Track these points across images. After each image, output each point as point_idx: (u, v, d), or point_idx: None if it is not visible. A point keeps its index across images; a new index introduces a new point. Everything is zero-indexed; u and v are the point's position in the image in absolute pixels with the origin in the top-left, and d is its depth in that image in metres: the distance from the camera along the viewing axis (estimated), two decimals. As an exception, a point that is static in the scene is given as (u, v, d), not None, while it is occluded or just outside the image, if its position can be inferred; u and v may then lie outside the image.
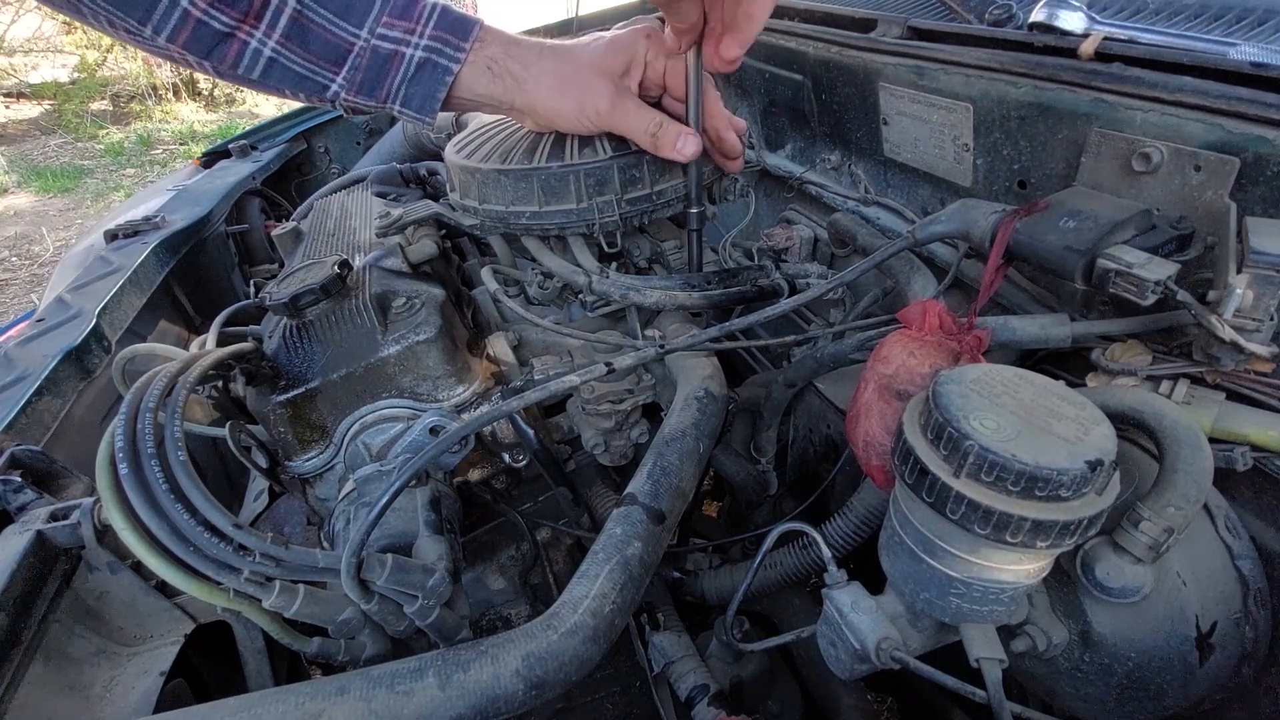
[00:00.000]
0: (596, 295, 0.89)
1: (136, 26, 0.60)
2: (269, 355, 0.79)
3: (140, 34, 0.61)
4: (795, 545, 0.78)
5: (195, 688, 0.73)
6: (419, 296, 0.84)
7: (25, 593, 0.63)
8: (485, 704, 0.55)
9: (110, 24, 0.61)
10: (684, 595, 0.92)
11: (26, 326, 1.07)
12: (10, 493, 0.71)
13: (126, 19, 0.60)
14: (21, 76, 6.70)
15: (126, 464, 0.54)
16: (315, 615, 0.62)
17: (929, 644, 0.56)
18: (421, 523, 0.70)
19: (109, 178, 5.49)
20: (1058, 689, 0.60)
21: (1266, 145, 0.50)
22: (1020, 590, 0.49)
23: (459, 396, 0.82)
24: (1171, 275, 0.50)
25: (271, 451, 0.80)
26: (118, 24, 0.61)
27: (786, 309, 0.76)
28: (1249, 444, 0.52)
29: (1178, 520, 0.47)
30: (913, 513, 0.50)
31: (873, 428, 0.59)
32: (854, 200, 0.98)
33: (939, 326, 0.61)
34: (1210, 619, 0.51)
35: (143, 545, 0.55)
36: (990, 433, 0.43)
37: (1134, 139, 0.58)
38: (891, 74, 0.83)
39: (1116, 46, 0.62)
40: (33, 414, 0.90)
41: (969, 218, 0.66)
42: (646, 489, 0.69)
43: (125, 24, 0.60)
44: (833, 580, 0.56)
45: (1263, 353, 0.48)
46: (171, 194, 1.60)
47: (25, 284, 4.03)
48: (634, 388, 0.93)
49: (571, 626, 0.58)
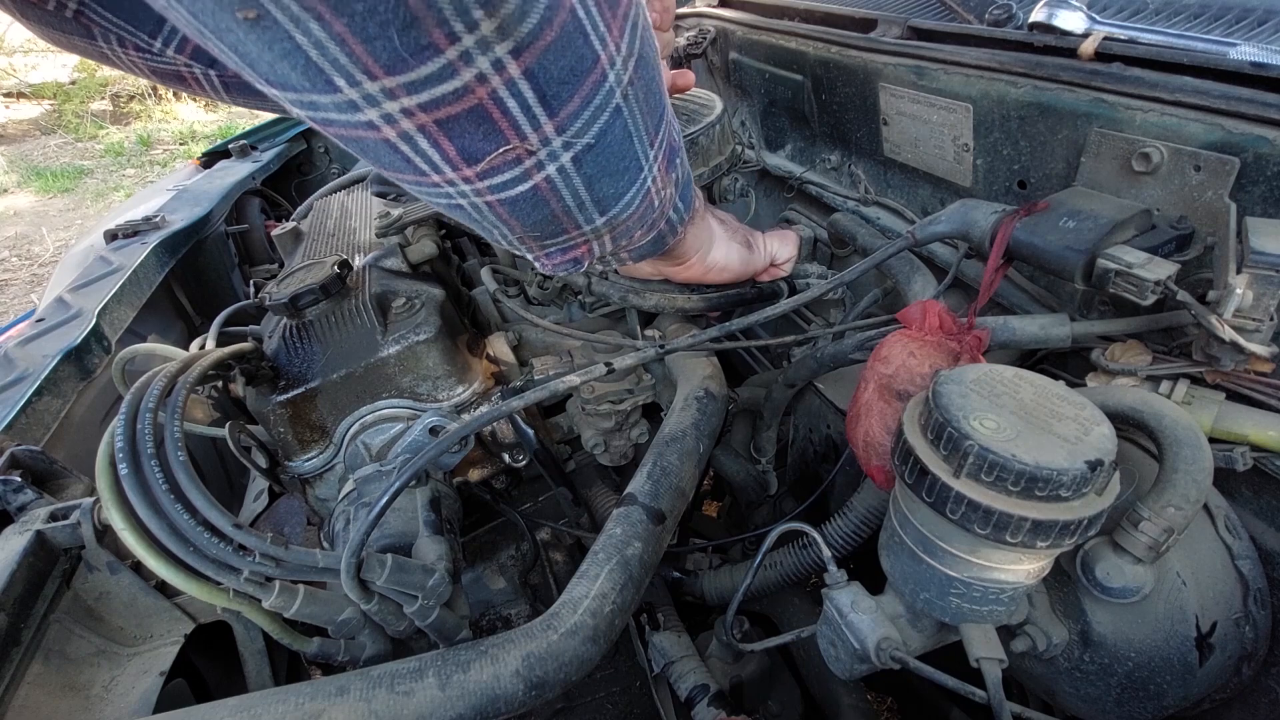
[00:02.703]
0: (596, 296, 0.89)
1: (147, 41, 0.61)
2: (269, 355, 0.79)
3: (149, 49, 0.62)
4: (795, 545, 0.78)
5: (195, 688, 0.73)
6: (419, 296, 0.84)
7: (25, 593, 0.63)
8: (485, 704, 0.55)
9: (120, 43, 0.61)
10: (684, 595, 0.92)
11: (26, 326, 1.07)
12: (10, 493, 0.71)
13: (137, 34, 0.60)
14: (21, 76, 6.70)
15: (126, 464, 0.54)
16: (315, 615, 0.62)
17: (929, 644, 0.56)
18: (421, 523, 0.70)
19: (109, 178, 5.49)
20: (1058, 689, 0.60)
21: (1266, 145, 0.50)
22: (1020, 590, 0.49)
23: (459, 396, 0.82)
24: (1171, 275, 0.50)
25: (271, 451, 0.80)
26: (127, 41, 0.61)
27: (786, 309, 0.76)
28: (1249, 444, 0.52)
29: (1178, 520, 0.47)
30: (913, 513, 0.50)
31: (873, 428, 0.59)
32: (854, 200, 0.98)
33: (939, 326, 0.61)
34: (1210, 619, 0.51)
35: (143, 545, 0.55)
36: (990, 433, 0.43)
37: (1134, 139, 0.58)
38: (891, 74, 0.83)
39: (1116, 46, 0.62)
40: (33, 414, 0.90)
41: (969, 218, 0.66)
42: (646, 489, 0.69)
43: (135, 40, 0.61)
44: (833, 580, 0.56)
45: (1263, 353, 0.48)
46: (171, 194, 1.60)
47: (25, 284, 4.03)
48: (634, 388, 0.93)
49: (571, 626, 0.58)
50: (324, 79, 0.35)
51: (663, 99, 0.51)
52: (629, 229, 0.56)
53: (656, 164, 0.53)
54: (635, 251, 0.62)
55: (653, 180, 0.53)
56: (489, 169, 0.42)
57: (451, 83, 0.36)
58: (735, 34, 1.17)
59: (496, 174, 0.43)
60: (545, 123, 0.41)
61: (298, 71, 0.34)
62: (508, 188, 0.44)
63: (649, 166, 0.51)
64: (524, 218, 0.48)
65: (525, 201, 0.46)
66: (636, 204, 0.53)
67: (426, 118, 0.38)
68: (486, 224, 0.49)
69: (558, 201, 0.47)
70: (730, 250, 0.77)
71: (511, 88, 0.38)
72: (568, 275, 0.69)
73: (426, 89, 0.36)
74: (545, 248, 0.54)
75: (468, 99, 0.37)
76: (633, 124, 0.46)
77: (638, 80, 0.45)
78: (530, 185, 0.44)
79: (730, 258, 0.77)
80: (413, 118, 0.38)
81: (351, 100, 0.36)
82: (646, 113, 0.48)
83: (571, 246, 0.54)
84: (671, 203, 0.60)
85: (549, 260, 0.56)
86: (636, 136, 0.48)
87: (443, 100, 0.37)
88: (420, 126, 0.38)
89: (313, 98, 0.36)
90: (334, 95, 0.36)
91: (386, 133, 0.38)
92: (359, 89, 0.35)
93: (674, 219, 0.62)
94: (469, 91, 0.37)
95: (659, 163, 0.53)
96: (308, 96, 0.36)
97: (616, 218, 0.52)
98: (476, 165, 0.42)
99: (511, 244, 0.53)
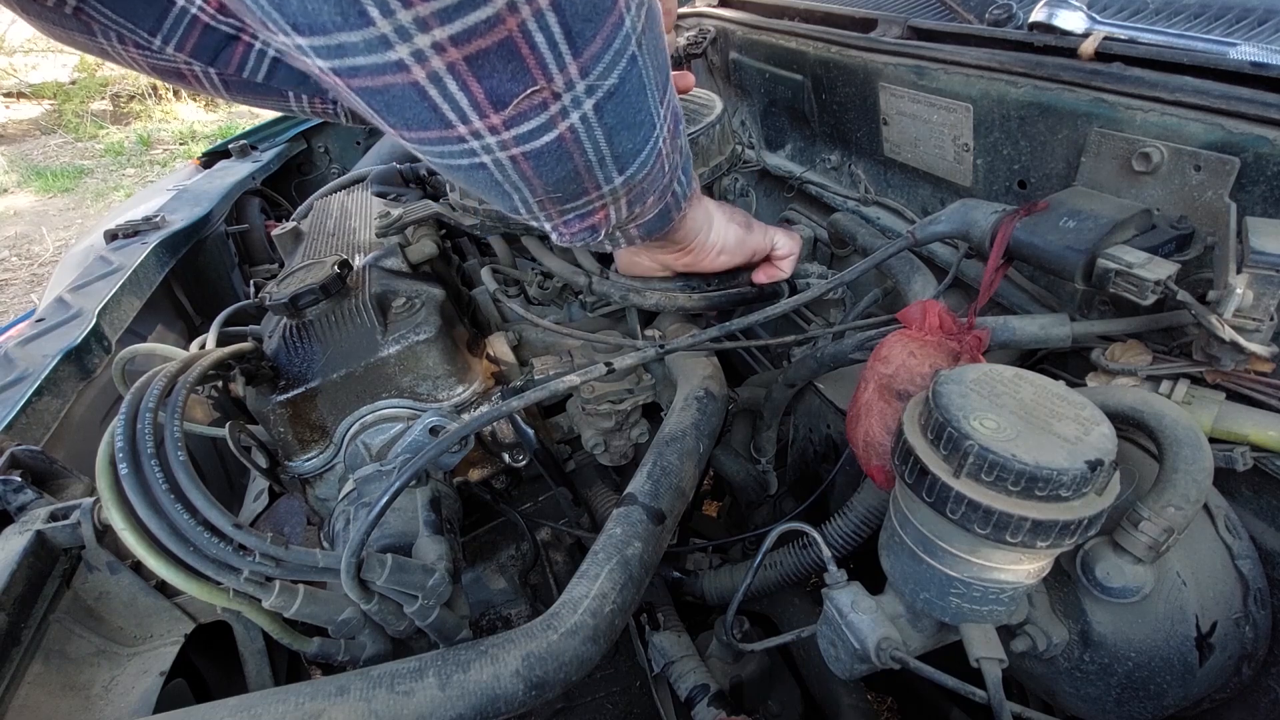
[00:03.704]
0: (596, 295, 0.89)
1: (146, 39, 0.61)
2: (269, 355, 0.79)
3: (149, 46, 0.62)
4: (795, 545, 0.78)
5: (195, 688, 0.73)
6: (419, 296, 0.84)
7: (25, 593, 0.63)
8: (485, 704, 0.55)
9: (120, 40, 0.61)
10: (684, 595, 0.92)
11: (26, 326, 1.07)
12: (10, 493, 0.71)
13: (136, 31, 0.60)
14: (21, 76, 6.70)
15: (126, 464, 0.54)
16: (315, 615, 0.62)
17: (929, 644, 0.56)
18: (421, 523, 0.70)
19: (109, 178, 5.49)
20: (1058, 689, 0.60)
21: (1266, 145, 0.50)
22: (1020, 590, 0.49)
23: (459, 396, 0.82)
24: (1171, 275, 0.50)
25: (271, 451, 0.80)
26: (127, 38, 0.61)
27: (786, 309, 0.76)
28: (1249, 444, 0.52)
29: (1178, 520, 0.47)
30: (913, 513, 0.50)
31: (873, 428, 0.59)
32: (854, 200, 0.98)
33: (939, 326, 0.61)
34: (1210, 619, 0.51)
35: (143, 545, 0.55)
36: (990, 433, 0.43)
37: (1134, 139, 0.58)
38: (891, 74, 0.83)
39: (1116, 46, 0.62)
40: (33, 414, 0.90)
41: (969, 218, 0.66)
42: (646, 489, 0.69)
43: (135, 37, 0.61)
44: (833, 580, 0.56)
45: (1263, 353, 0.48)
46: (171, 194, 1.60)
47: (25, 284, 4.03)
48: (634, 388, 0.93)
49: (571, 626, 0.58)
50: (356, 9, 0.34)
51: (667, 59, 0.51)
52: (644, 192, 0.56)
53: (665, 124, 0.52)
54: (644, 226, 0.62)
55: (663, 140, 0.53)
56: (516, 115, 0.42)
57: (484, 9, 0.36)
58: (735, 34, 1.17)
59: (523, 120, 0.42)
60: (570, 63, 0.40)
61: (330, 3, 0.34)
62: (534, 137, 0.44)
63: (660, 124, 0.51)
64: (547, 174, 0.47)
65: (550, 154, 0.45)
66: (651, 163, 0.53)
67: (457, 53, 0.37)
68: (509, 186, 0.48)
69: (580, 155, 0.47)
70: (728, 231, 0.76)
71: (540, 19, 0.37)
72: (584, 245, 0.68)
73: (459, 17, 0.35)
74: (564, 213, 0.53)
75: (499, 30, 0.37)
76: (646, 75, 0.46)
77: (649, 31, 0.45)
78: (555, 135, 0.44)
79: (727, 238, 0.76)
80: (444, 53, 0.37)
81: (383, 35, 0.35)
82: (656, 67, 0.48)
83: (590, 211, 0.54)
84: (676, 173, 0.59)
85: (567, 229, 0.55)
86: (649, 90, 0.48)
87: (474, 31, 0.36)
88: (450, 65, 0.38)
89: (342, 38, 0.35)
90: (365, 30, 0.35)
91: (416, 73, 0.38)
92: (392, 19, 0.35)
93: (679, 192, 0.62)
94: (500, 21, 0.36)
95: (668, 123, 0.53)
96: (337, 38, 0.35)
97: (634, 177, 0.52)
98: (504, 110, 0.41)
99: (531, 209, 0.52)
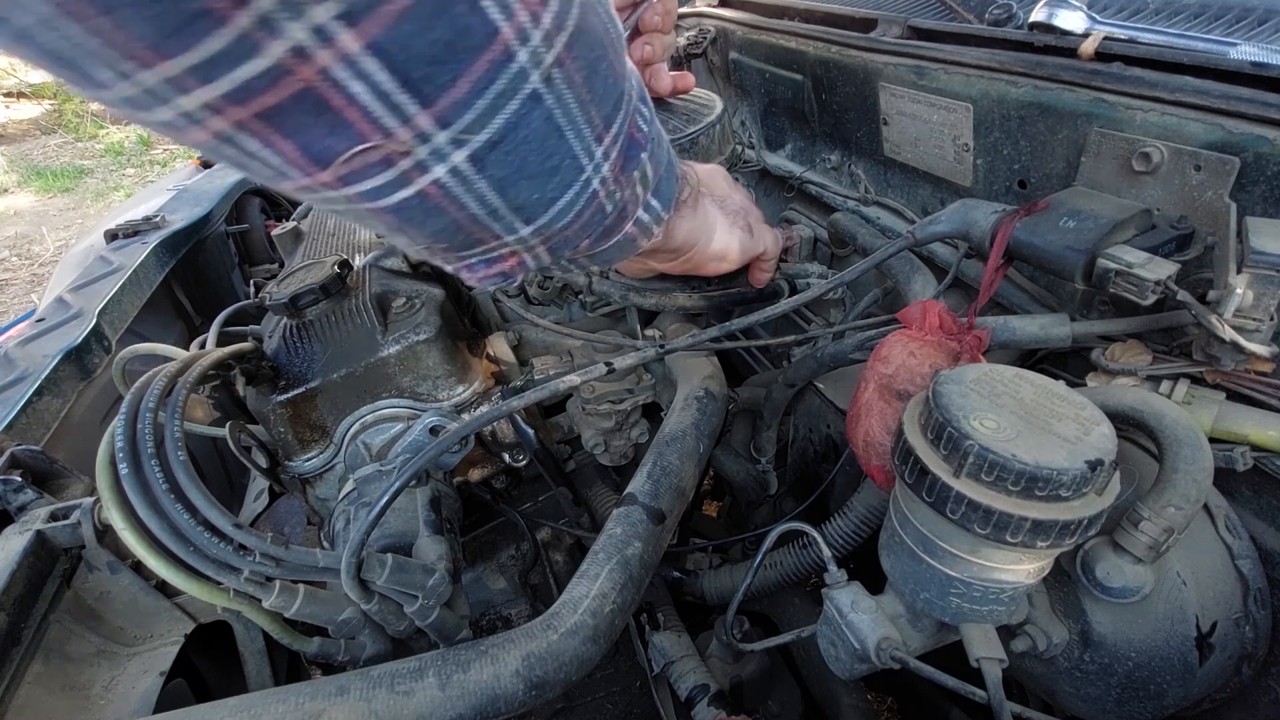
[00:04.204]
0: (596, 295, 0.89)
1: None
2: (269, 355, 0.79)
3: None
4: (795, 545, 0.78)
5: (195, 688, 0.73)
6: (419, 296, 0.84)
7: (25, 593, 0.63)
8: (485, 704, 0.55)
9: None
10: (684, 595, 0.92)
11: (26, 326, 1.07)
12: (10, 493, 0.71)
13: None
14: (21, 76, 6.70)
15: (127, 464, 0.54)
16: (315, 615, 0.62)
17: (929, 644, 0.56)
18: (421, 523, 0.70)
19: (109, 178, 5.49)
20: (1058, 689, 0.60)
21: (1266, 145, 0.50)
22: (1020, 590, 0.49)
23: (459, 396, 0.82)
24: (1171, 275, 0.50)
25: (271, 451, 0.80)
26: None
27: (786, 309, 0.76)
28: (1249, 444, 0.52)
29: (1178, 520, 0.47)
30: (913, 513, 0.50)
31: (873, 428, 0.59)
32: (854, 200, 0.98)
33: (939, 326, 0.61)
34: (1210, 619, 0.51)
35: (143, 545, 0.55)
36: (990, 433, 0.43)
37: (1134, 139, 0.58)
38: (891, 74, 0.83)
39: (1116, 46, 0.62)
40: (33, 414, 0.90)
41: (969, 218, 0.66)
42: (646, 489, 0.69)
43: None
44: (833, 580, 0.56)
45: (1263, 353, 0.48)
46: (171, 194, 1.60)
47: (25, 284, 4.03)
48: (634, 388, 0.93)
49: (571, 626, 0.58)
50: (80, 72, 0.27)
51: (620, 83, 0.42)
52: (570, 240, 0.46)
53: (607, 162, 0.43)
54: (597, 258, 0.52)
55: (601, 181, 0.43)
56: (348, 173, 0.33)
57: (256, 62, 0.27)
58: (735, 34, 1.17)
59: (362, 179, 0.34)
60: (418, 114, 0.32)
61: (76, 65, 0.27)
62: (383, 194, 0.35)
63: (593, 165, 0.42)
64: (419, 226, 0.39)
65: (413, 209, 0.37)
66: (576, 210, 0.43)
67: (243, 112, 0.29)
68: (384, 229, 0.40)
69: (459, 210, 0.38)
70: (731, 239, 0.70)
71: (353, 67, 0.29)
72: (500, 288, 0.63)
73: (223, 73, 0.27)
74: (463, 259, 0.44)
75: (288, 83, 0.28)
76: (563, 115, 0.37)
77: (572, 61, 0.36)
78: (414, 191, 0.36)
79: (730, 246, 0.70)
80: (223, 114, 0.29)
81: (129, 97, 0.28)
82: (589, 100, 0.39)
83: (497, 259, 0.45)
84: (640, 203, 0.50)
85: (472, 273, 0.46)
86: (571, 130, 0.39)
87: (253, 88, 0.28)
88: (239, 124, 0.30)
89: (96, 93, 0.28)
90: (100, 92, 0.28)
91: (198, 135, 0.30)
92: (132, 81, 0.27)
93: (646, 220, 0.52)
94: (286, 73, 0.28)
95: (611, 161, 0.43)
96: (91, 92, 0.28)
97: (548, 227, 0.43)
98: (328, 169, 0.33)
99: (421, 253, 0.44)
